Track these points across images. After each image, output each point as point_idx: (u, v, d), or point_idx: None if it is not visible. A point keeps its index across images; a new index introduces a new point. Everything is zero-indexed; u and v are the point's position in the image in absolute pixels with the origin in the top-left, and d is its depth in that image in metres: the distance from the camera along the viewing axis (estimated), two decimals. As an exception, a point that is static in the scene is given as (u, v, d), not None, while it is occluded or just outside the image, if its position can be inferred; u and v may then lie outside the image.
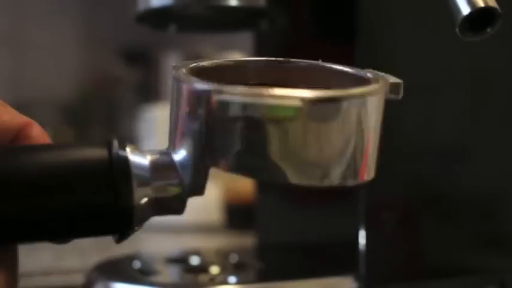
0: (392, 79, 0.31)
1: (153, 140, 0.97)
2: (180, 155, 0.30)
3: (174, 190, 0.30)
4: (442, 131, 0.48)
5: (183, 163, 0.30)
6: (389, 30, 0.47)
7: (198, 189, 0.30)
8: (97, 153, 0.29)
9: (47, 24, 1.51)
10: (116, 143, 0.29)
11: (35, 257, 0.56)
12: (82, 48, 1.55)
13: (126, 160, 0.29)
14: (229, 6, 0.48)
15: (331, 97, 0.28)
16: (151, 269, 0.49)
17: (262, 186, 0.61)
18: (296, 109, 0.27)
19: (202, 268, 0.50)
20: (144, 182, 0.29)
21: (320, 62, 0.34)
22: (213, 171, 0.31)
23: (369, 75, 0.31)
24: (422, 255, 0.48)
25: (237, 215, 0.88)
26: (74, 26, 1.55)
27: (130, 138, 0.89)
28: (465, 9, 0.33)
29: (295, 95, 0.27)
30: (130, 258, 0.53)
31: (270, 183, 0.29)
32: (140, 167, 0.29)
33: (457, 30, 0.34)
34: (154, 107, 1.06)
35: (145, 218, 0.30)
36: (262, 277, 0.50)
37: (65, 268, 0.31)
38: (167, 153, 0.31)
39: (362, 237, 0.45)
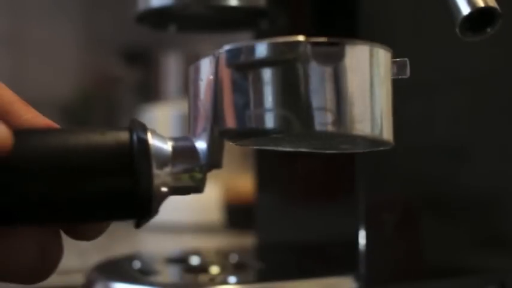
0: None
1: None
2: (199, 138, 0.31)
3: (194, 172, 0.31)
4: (442, 131, 0.48)
5: (202, 145, 0.31)
6: (390, 30, 0.47)
7: (216, 162, 0.31)
8: (117, 135, 0.29)
9: (47, 24, 1.51)
10: (136, 127, 0.30)
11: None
12: (82, 48, 1.55)
13: (145, 142, 0.29)
14: (229, 6, 0.48)
15: (334, 41, 0.29)
16: (151, 269, 0.49)
17: (262, 186, 0.61)
18: (299, 45, 0.28)
19: (202, 268, 0.50)
20: (164, 165, 0.30)
21: None
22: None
23: None
24: (422, 255, 0.48)
25: (237, 215, 0.88)
26: (74, 26, 1.55)
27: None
28: (465, 9, 0.33)
29: (299, 36, 0.29)
30: (131, 258, 0.53)
31: (281, 134, 0.29)
32: (160, 150, 0.30)
33: (457, 30, 0.34)
34: (154, 107, 1.06)
35: (163, 199, 0.30)
36: (262, 277, 0.50)
37: (65, 268, 0.31)
38: (187, 138, 0.31)
39: (362, 237, 0.45)
